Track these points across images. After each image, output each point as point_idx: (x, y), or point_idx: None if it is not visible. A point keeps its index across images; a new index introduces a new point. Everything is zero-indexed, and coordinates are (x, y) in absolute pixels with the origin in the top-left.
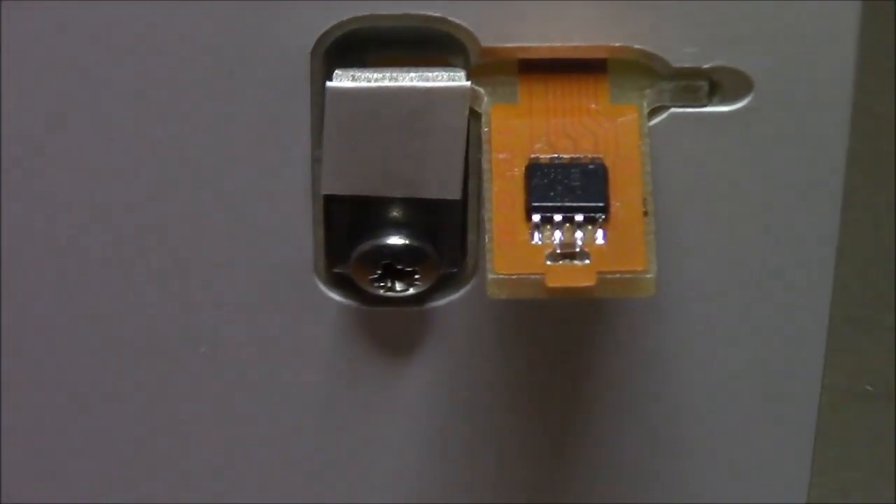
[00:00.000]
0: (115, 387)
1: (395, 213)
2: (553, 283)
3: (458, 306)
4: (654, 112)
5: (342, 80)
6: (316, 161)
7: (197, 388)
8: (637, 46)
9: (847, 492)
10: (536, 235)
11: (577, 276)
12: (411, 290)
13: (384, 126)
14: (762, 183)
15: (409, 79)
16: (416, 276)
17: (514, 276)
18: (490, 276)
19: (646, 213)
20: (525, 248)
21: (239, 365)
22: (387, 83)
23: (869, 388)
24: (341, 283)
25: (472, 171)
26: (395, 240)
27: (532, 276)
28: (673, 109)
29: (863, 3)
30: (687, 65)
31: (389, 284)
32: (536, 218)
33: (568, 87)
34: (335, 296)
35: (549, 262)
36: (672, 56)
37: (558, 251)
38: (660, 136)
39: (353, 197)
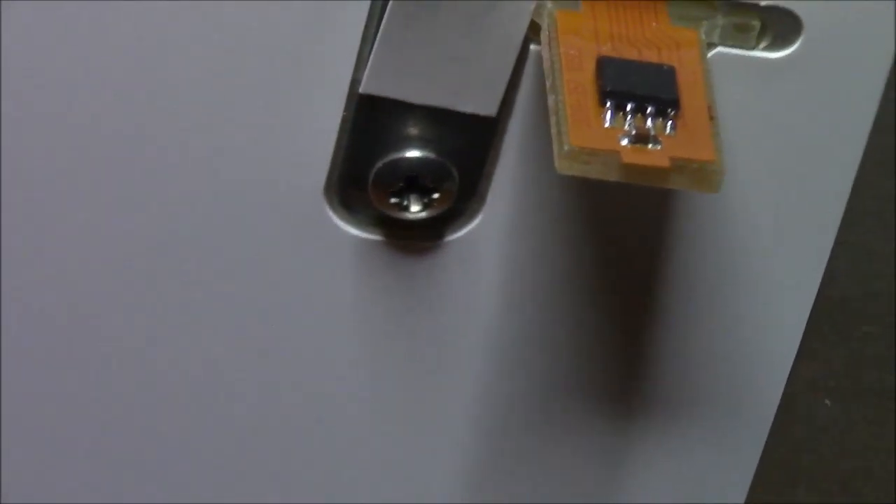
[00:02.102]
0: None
1: (422, 129)
2: (629, 159)
3: (474, 237)
4: None
5: None
6: (360, 63)
7: (199, 326)
8: None
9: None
10: (609, 118)
11: (652, 156)
12: (425, 214)
13: (443, 21)
14: (789, 135)
15: None
16: (434, 196)
17: (588, 150)
18: (565, 147)
19: (711, 118)
20: (599, 128)
21: (250, 294)
22: None
23: (827, 402)
24: (350, 208)
25: (507, 100)
26: (420, 153)
27: (607, 152)
28: (720, 49)
29: None
30: None
31: (405, 203)
32: (609, 103)
33: (629, 7)
34: (346, 226)
35: (623, 142)
36: None
37: (633, 132)
38: None
39: (383, 106)
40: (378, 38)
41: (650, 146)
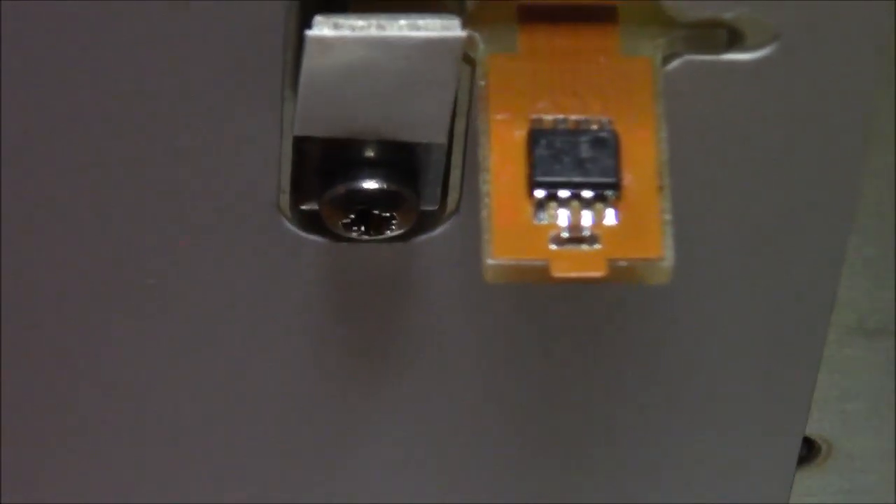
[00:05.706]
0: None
1: (372, 151)
2: (559, 272)
3: (440, 241)
4: (666, 59)
5: (323, 27)
6: (286, 100)
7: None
8: None
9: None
10: (540, 214)
11: (586, 263)
12: (386, 234)
13: (367, 75)
14: (779, 138)
15: (398, 27)
16: (393, 221)
17: (514, 262)
18: (489, 260)
19: (661, 188)
20: (527, 228)
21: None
22: (373, 32)
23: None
24: (310, 219)
25: (458, 112)
26: (371, 183)
27: (535, 263)
28: (687, 56)
29: None
30: (707, 15)
31: (363, 228)
32: (540, 194)
33: (574, 37)
34: (303, 233)
35: (553, 247)
36: (690, 4)
37: (566, 233)
38: (671, 85)
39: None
40: (299, 95)
41: (585, 247)
